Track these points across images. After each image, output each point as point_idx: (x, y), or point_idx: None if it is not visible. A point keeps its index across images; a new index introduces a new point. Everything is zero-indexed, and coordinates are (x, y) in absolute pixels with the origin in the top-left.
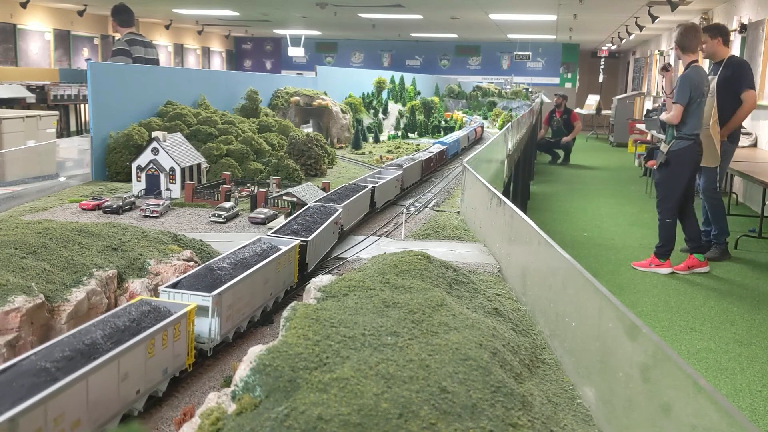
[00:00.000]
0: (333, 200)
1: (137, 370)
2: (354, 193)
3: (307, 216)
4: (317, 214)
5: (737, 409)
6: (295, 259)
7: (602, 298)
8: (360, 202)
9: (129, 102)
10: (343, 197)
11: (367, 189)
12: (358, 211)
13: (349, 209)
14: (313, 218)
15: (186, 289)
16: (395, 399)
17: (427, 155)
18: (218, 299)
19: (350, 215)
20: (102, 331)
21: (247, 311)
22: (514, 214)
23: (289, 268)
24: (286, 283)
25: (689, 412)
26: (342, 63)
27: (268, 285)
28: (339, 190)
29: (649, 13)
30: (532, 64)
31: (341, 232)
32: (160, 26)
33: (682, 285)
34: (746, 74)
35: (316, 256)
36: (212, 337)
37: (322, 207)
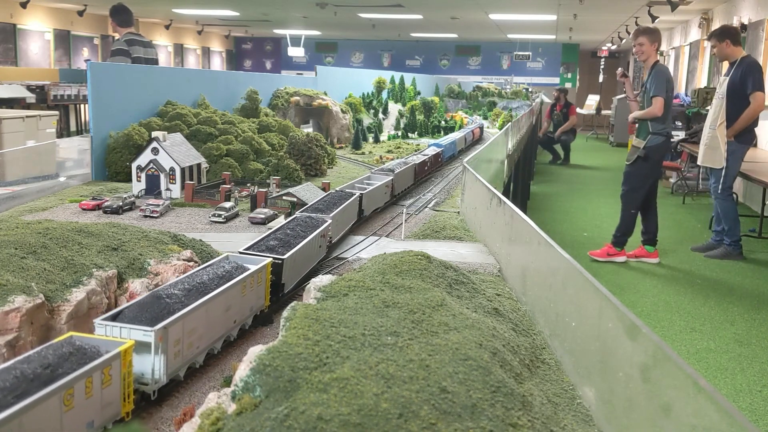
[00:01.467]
0: (320, 210)
1: (50, 429)
2: (342, 201)
3: (288, 229)
4: (301, 227)
5: (737, 409)
6: (266, 280)
7: (602, 298)
8: (348, 211)
9: (129, 102)
10: (331, 206)
11: (355, 196)
12: (346, 221)
13: (338, 220)
14: (296, 231)
15: (127, 322)
16: (395, 399)
17: (421, 158)
18: (163, 334)
19: (339, 226)
20: (2, 382)
21: (203, 344)
22: (514, 214)
23: (258, 291)
24: (254, 308)
25: (689, 412)
26: (342, 63)
27: (230, 312)
28: (326, 198)
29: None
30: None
31: (330, 245)
32: (160, 26)
33: (682, 285)
34: (755, 75)
35: (295, 275)
36: (156, 377)
37: (308, 219)
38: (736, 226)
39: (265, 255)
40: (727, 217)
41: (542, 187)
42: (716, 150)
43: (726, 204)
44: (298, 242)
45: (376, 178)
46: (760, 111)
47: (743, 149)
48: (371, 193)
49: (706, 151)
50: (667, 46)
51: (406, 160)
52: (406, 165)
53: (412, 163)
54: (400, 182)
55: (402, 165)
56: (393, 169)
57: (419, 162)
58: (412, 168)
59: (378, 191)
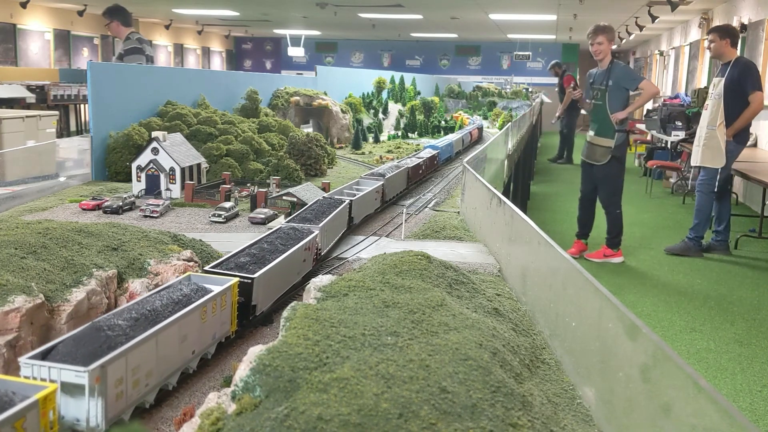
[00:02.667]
0: (308, 219)
1: None
2: (331, 209)
3: (265, 243)
4: (281, 240)
5: (737, 409)
6: (232, 302)
7: (602, 298)
8: (337, 220)
9: (129, 102)
10: (320, 215)
11: (344, 204)
12: (336, 231)
13: (327, 230)
14: (274, 245)
15: (59, 359)
16: (395, 399)
17: (416, 161)
18: (100, 373)
19: (329, 236)
20: None
21: (152, 381)
22: (514, 214)
23: (222, 316)
24: (217, 335)
25: (689, 412)
26: (342, 63)
27: (187, 342)
28: (314, 206)
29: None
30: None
31: (318, 258)
32: (160, 26)
33: (682, 285)
34: (754, 75)
35: (271, 294)
36: (93, 425)
37: (291, 230)
38: (705, 225)
39: (233, 274)
40: (702, 213)
41: (542, 187)
42: (716, 150)
43: (708, 200)
44: (274, 258)
45: (365, 183)
46: (760, 111)
47: (740, 149)
48: (361, 199)
49: (705, 151)
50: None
51: (398, 164)
52: (398, 169)
53: (404, 166)
54: (392, 187)
55: (394, 169)
56: (384, 173)
57: (413, 165)
58: (405, 172)
59: (368, 197)
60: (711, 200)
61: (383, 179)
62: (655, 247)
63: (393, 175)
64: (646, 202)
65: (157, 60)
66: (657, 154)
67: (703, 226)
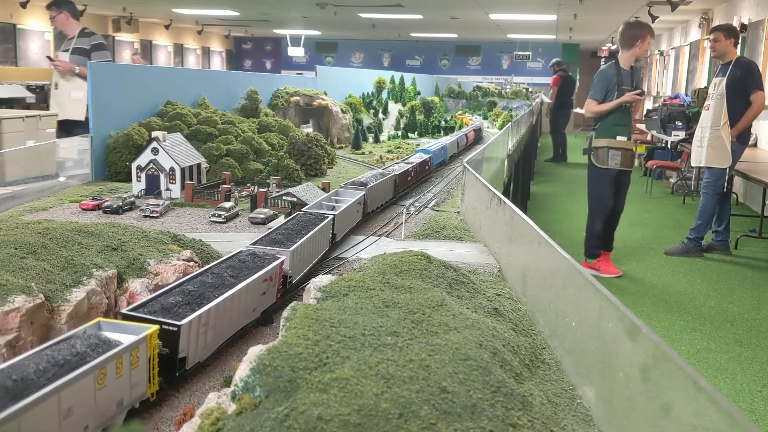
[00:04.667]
0: (277, 241)
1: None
2: (310, 227)
3: (210, 276)
4: (234, 269)
5: (737, 409)
6: (149, 357)
7: (602, 298)
8: (317, 239)
9: (129, 102)
10: (294, 235)
11: (327, 220)
12: (314, 252)
13: (302, 253)
14: (221, 278)
15: None
16: (395, 399)
17: (404, 167)
18: None
19: (304, 259)
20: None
21: None
22: (514, 214)
23: (133, 376)
24: (127, 401)
25: (689, 412)
26: (342, 63)
27: (74, 417)
28: (289, 223)
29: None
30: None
31: (286, 287)
32: (160, 26)
33: (682, 285)
34: (755, 75)
35: (208, 342)
36: None
37: (250, 256)
38: (707, 226)
39: (154, 320)
40: (705, 214)
41: (542, 187)
42: (722, 150)
43: (713, 202)
44: (215, 295)
45: (345, 194)
46: (762, 110)
47: (742, 149)
48: (344, 213)
49: (710, 152)
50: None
51: (384, 171)
52: (383, 177)
53: (390, 174)
54: (375, 197)
55: (378, 177)
56: (366, 182)
57: (401, 172)
58: (391, 180)
59: (350, 210)
60: (716, 202)
61: (365, 189)
62: (655, 247)
63: (376, 184)
64: (646, 202)
65: (157, 60)
66: (657, 154)
67: (705, 228)
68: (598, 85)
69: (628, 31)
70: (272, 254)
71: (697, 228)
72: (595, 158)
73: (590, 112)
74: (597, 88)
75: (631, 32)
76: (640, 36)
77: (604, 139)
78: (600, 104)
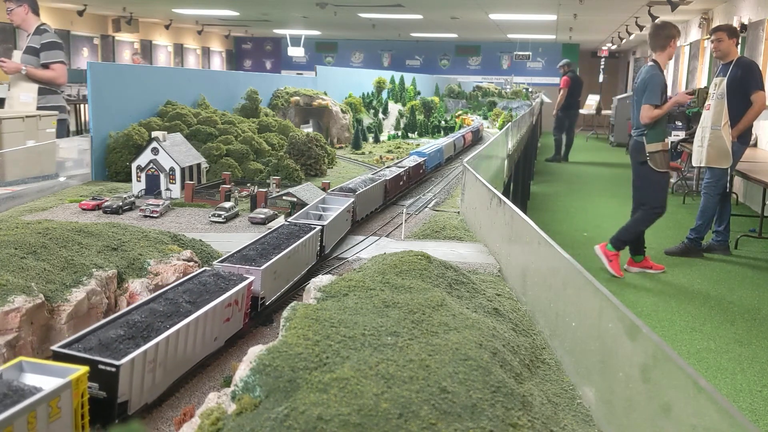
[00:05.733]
0: (249, 258)
1: None
2: (291, 240)
3: (161, 303)
4: (192, 294)
5: (737, 409)
6: (75, 406)
7: (602, 298)
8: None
9: (129, 102)
10: (271, 251)
11: (314, 232)
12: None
13: (278, 271)
14: (176, 305)
15: None
16: (395, 399)
17: (396, 172)
18: None
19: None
20: None
21: None
22: (514, 214)
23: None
24: None
25: (689, 412)
26: (342, 63)
27: None
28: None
29: (649, 13)
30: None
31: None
32: (160, 26)
33: (682, 285)
34: (756, 75)
35: (156, 382)
36: None
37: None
38: (707, 227)
39: (88, 358)
40: (706, 214)
41: (542, 187)
42: (722, 150)
43: (714, 202)
44: (165, 327)
45: (333, 201)
46: (763, 110)
47: (743, 149)
48: (333, 223)
49: (711, 152)
50: None
51: (374, 176)
52: (372, 183)
53: (381, 179)
54: (365, 204)
55: (368, 183)
56: (355, 188)
57: (392, 177)
58: (381, 186)
59: (339, 219)
60: (717, 202)
61: (353, 195)
62: (655, 247)
63: (366, 190)
64: None
65: (157, 60)
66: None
67: (706, 228)
68: (656, 89)
69: (662, 32)
70: (239, 274)
71: (698, 228)
72: (653, 163)
73: (649, 117)
74: (655, 93)
75: (666, 33)
76: (672, 36)
77: (659, 143)
78: (656, 108)
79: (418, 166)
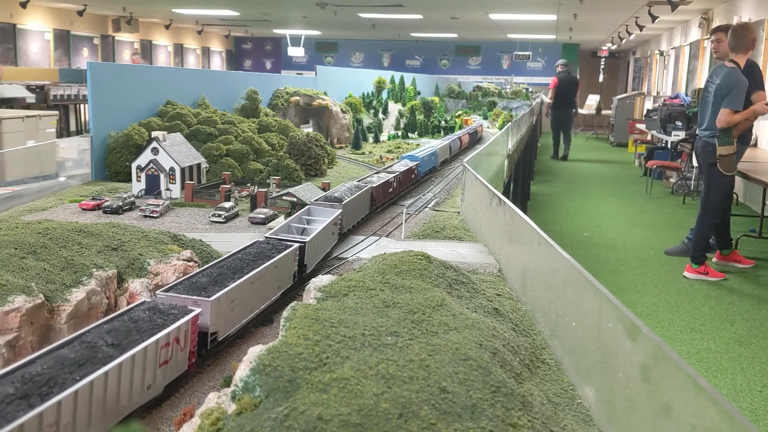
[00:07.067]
0: (199, 287)
1: None
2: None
3: (83, 342)
4: (120, 333)
5: (737, 409)
6: None
7: (602, 298)
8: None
9: (129, 102)
10: (228, 276)
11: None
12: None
13: (235, 301)
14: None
15: None
16: (395, 399)
17: (384, 178)
18: None
19: (243, 306)
20: None
21: None
22: (514, 214)
23: None
24: None
25: (689, 412)
26: (342, 63)
27: None
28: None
29: (650, 13)
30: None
31: (213, 344)
32: (160, 26)
33: (682, 285)
34: (757, 75)
35: None
36: None
37: (149, 312)
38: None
39: None
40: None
41: (542, 187)
42: None
43: None
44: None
45: (318, 212)
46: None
47: (743, 150)
48: (317, 239)
49: None
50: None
51: (359, 184)
52: (359, 190)
53: (368, 187)
54: (352, 215)
55: (354, 191)
56: (341, 197)
57: (379, 184)
58: (367, 193)
59: (324, 233)
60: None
61: (340, 206)
62: (655, 247)
63: (353, 199)
64: (646, 202)
65: (157, 60)
66: (657, 154)
67: None
68: (741, 96)
69: (747, 34)
70: (183, 306)
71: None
72: (722, 166)
73: (727, 122)
74: (739, 100)
75: (752, 35)
76: (755, 39)
77: (730, 146)
78: (735, 114)
79: (409, 171)
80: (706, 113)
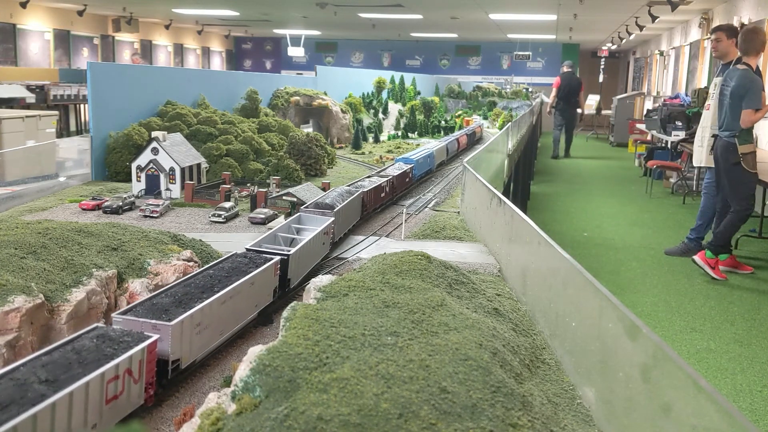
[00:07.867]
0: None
1: None
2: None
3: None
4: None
5: (737, 409)
6: None
7: (602, 299)
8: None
9: (129, 102)
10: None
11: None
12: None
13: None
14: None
15: None
16: (395, 399)
17: (376, 182)
18: None
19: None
20: None
21: None
22: (514, 214)
23: None
24: None
25: (689, 412)
26: (342, 63)
27: None
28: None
29: (650, 13)
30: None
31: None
32: (160, 26)
33: (682, 285)
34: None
35: None
36: None
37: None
38: (707, 227)
39: None
40: (706, 215)
41: (542, 187)
42: None
43: (714, 202)
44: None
45: (309, 220)
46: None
47: None
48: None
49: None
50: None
51: (350, 189)
52: (350, 196)
53: (359, 191)
54: (344, 222)
55: (345, 196)
56: (333, 204)
57: (371, 189)
58: (358, 199)
59: (313, 244)
60: (717, 202)
61: (332, 213)
62: (655, 247)
63: (345, 205)
64: (646, 201)
65: (157, 60)
66: (657, 154)
67: (706, 228)
68: (759, 94)
69: (757, 37)
70: (139, 332)
71: (698, 228)
72: (746, 164)
73: (751, 122)
74: (756, 98)
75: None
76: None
77: (750, 145)
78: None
79: (403, 174)
80: (723, 115)
